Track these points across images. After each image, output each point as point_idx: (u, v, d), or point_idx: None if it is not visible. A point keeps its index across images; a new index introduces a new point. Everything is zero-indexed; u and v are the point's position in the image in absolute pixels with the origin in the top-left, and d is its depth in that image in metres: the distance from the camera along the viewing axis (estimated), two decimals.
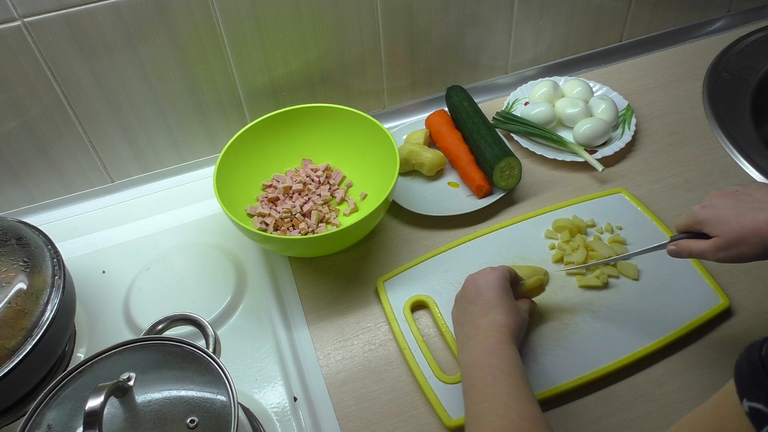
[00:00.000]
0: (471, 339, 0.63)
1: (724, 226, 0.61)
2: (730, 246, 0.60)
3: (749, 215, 0.59)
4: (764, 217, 0.58)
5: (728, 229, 0.60)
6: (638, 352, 0.71)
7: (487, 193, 0.90)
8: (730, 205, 0.62)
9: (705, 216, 0.63)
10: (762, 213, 0.59)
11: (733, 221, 0.60)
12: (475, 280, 0.68)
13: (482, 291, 0.66)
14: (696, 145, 0.95)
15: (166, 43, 0.84)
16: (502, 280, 0.67)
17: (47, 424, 0.54)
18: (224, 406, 0.55)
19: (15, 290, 0.67)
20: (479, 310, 0.65)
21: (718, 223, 0.62)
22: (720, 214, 0.62)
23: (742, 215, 0.60)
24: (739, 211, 0.61)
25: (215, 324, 0.79)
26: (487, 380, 0.57)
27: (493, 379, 0.57)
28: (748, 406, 0.38)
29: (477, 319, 0.64)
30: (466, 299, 0.68)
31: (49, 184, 0.93)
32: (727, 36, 1.13)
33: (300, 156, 0.94)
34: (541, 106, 0.98)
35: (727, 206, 0.62)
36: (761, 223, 0.58)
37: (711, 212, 0.63)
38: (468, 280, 0.70)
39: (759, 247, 0.59)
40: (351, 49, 0.95)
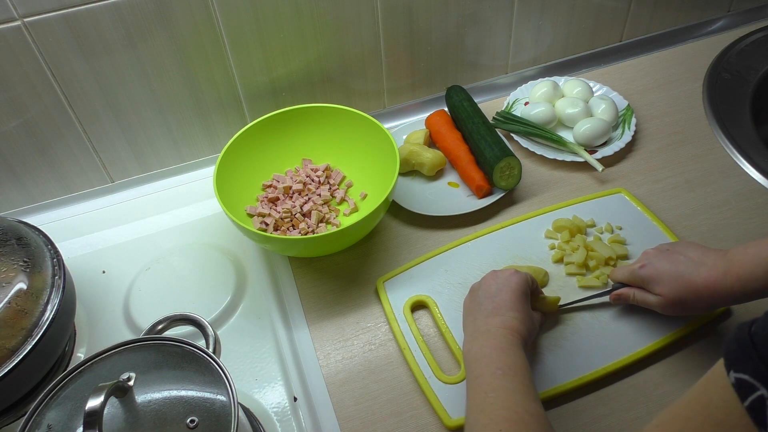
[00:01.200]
0: (482, 335, 0.63)
1: (665, 287, 0.67)
2: (675, 304, 0.67)
3: (687, 277, 0.65)
4: (700, 279, 0.64)
5: (670, 289, 0.67)
6: (638, 352, 0.71)
7: (487, 193, 0.90)
8: (668, 264, 0.67)
9: (646, 274, 0.69)
10: (697, 275, 0.65)
11: (674, 281, 0.66)
12: (497, 277, 0.68)
13: (502, 290, 0.66)
14: (696, 145, 0.95)
15: (166, 43, 0.84)
16: (524, 285, 0.67)
17: (47, 424, 0.54)
18: (224, 406, 0.55)
19: (15, 290, 0.67)
20: (495, 309, 0.64)
21: (660, 282, 0.68)
22: (660, 275, 0.68)
23: (681, 275, 0.66)
24: (678, 270, 0.67)
25: (215, 324, 0.79)
26: (496, 373, 0.57)
27: (502, 373, 0.57)
28: (734, 377, 0.38)
29: (491, 316, 0.64)
30: (484, 292, 0.67)
31: (49, 184, 0.93)
32: (727, 36, 1.13)
33: (300, 156, 0.94)
34: (541, 106, 0.98)
35: (666, 265, 0.68)
36: (698, 285, 0.64)
37: (651, 271, 0.69)
38: (489, 275, 0.69)
39: (700, 303, 0.65)
40: (351, 49, 0.95)
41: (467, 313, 0.68)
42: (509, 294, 0.65)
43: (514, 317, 0.63)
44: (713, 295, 0.64)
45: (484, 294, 0.67)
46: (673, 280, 0.66)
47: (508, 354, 0.60)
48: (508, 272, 0.68)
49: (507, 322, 0.63)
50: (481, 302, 0.66)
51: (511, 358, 0.59)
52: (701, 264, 0.65)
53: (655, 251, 0.70)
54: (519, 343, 0.61)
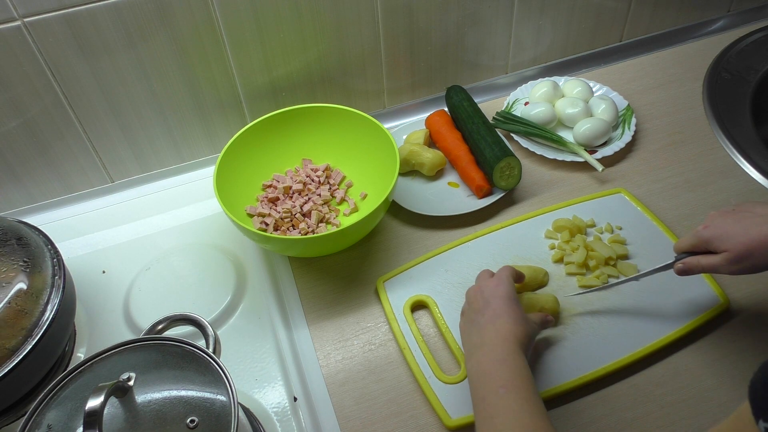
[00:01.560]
0: (479, 348, 0.62)
1: (731, 241, 0.63)
2: (742, 259, 0.63)
3: (755, 229, 0.62)
4: None
5: (736, 242, 0.63)
6: (638, 352, 0.71)
7: (487, 193, 0.90)
8: (733, 221, 0.64)
9: (710, 234, 0.65)
10: (766, 226, 0.61)
11: (740, 235, 0.63)
12: (482, 291, 0.67)
13: (490, 301, 0.66)
14: (696, 145, 0.95)
15: (166, 43, 0.84)
16: (510, 289, 0.67)
17: (47, 424, 0.54)
18: (224, 406, 0.55)
19: (15, 290, 0.67)
20: (487, 319, 0.64)
21: (725, 239, 0.64)
22: (725, 231, 0.64)
23: (747, 229, 0.63)
24: (743, 225, 0.63)
25: (215, 324, 0.79)
26: (498, 392, 0.57)
27: (505, 391, 0.56)
28: (764, 427, 0.37)
29: (484, 327, 0.63)
30: (473, 310, 0.67)
31: (49, 184, 0.93)
32: (727, 36, 1.13)
33: (300, 156, 0.94)
34: (541, 106, 0.98)
35: (730, 223, 0.64)
36: (766, 236, 0.61)
37: (715, 230, 0.65)
38: (472, 292, 0.69)
39: None
40: (351, 49, 0.95)
41: (463, 334, 0.68)
42: (497, 301, 0.65)
43: (506, 321, 0.63)
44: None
45: (474, 310, 0.67)
46: (738, 234, 0.63)
47: (508, 365, 0.59)
48: (491, 283, 0.68)
49: (500, 328, 0.62)
50: (473, 319, 0.66)
51: (512, 371, 0.58)
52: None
53: (721, 211, 0.67)
54: (517, 348, 0.61)
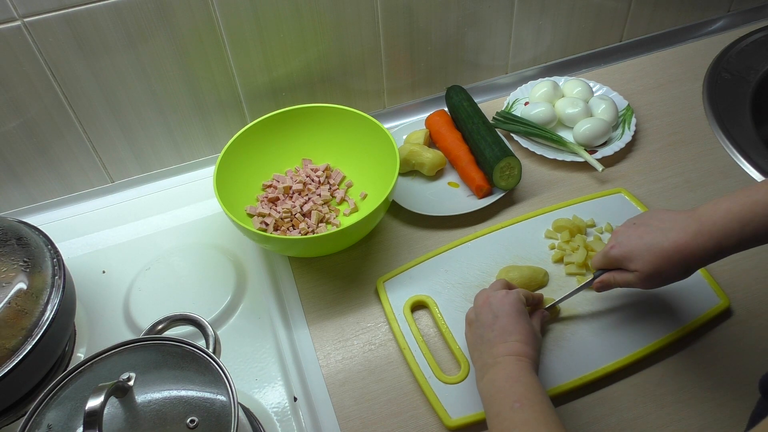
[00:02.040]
0: (491, 368, 0.62)
1: (638, 261, 0.65)
2: (652, 276, 0.65)
3: (656, 245, 0.63)
4: (670, 244, 0.62)
5: (644, 262, 0.64)
6: (638, 352, 0.71)
7: (487, 193, 0.90)
8: (637, 238, 0.65)
9: (618, 254, 0.67)
10: (667, 240, 0.63)
11: (645, 253, 0.64)
12: (491, 304, 0.67)
13: (499, 316, 0.65)
14: (696, 145, 0.95)
15: (166, 43, 0.84)
16: (518, 304, 0.66)
17: (47, 424, 0.54)
18: (224, 406, 0.55)
19: (15, 290, 0.67)
20: (497, 337, 0.63)
21: (633, 259, 0.65)
22: (630, 249, 0.66)
23: (650, 246, 0.64)
24: (646, 242, 0.64)
25: (215, 324, 0.79)
26: (513, 407, 0.56)
27: (520, 406, 0.56)
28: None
29: (495, 346, 0.63)
30: (481, 324, 0.66)
31: (49, 184, 0.93)
32: (727, 36, 1.13)
33: (300, 156, 0.94)
34: (541, 106, 0.98)
35: (634, 240, 0.66)
36: (669, 250, 0.62)
37: (622, 249, 0.66)
38: (481, 302, 0.68)
39: (676, 270, 0.63)
40: (351, 49, 0.95)
41: (471, 347, 0.67)
42: (506, 318, 0.65)
43: (518, 340, 0.63)
44: (687, 258, 0.62)
45: (482, 325, 0.66)
46: (644, 252, 0.64)
47: (521, 383, 0.59)
48: (500, 295, 0.67)
49: (512, 348, 0.62)
50: (482, 334, 0.65)
51: (526, 387, 0.58)
52: (669, 230, 0.63)
53: (624, 227, 0.68)
54: (529, 366, 0.61)
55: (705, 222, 0.61)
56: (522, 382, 0.59)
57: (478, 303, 0.69)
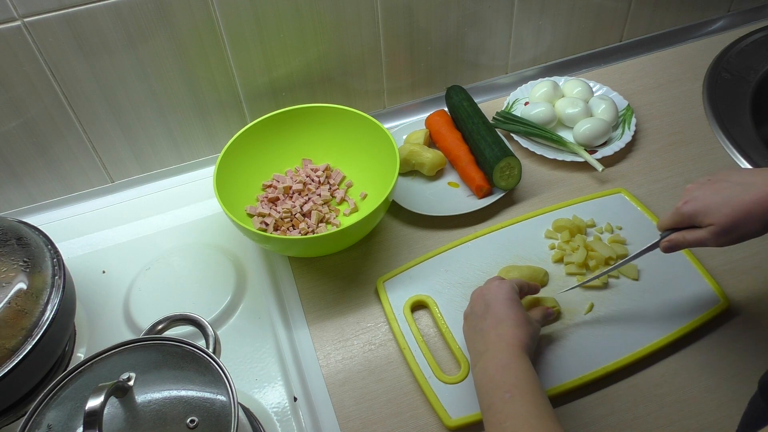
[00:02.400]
0: (482, 355, 0.62)
1: (715, 214, 0.62)
2: (729, 231, 0.62)
3: (736, 198, 0.61)
4: (750, 198, 0.60)
5: (721, 215, 0.62)
6: (638, 352, 0.71)
7: (487, 193, 0.90)
8: (713, 193, 0.63)
9: (691, 209, 0.64)
10: (747, 194, 0.61)
11: (723, 207, 0.62)
12: (483, 295, 0.67)
13: (491, 305, 0.65)
14: (696, 145, 0.95)
15: (166, 43, 0.84)
16: (511, 292, 0.66)
17: (47, 424, 0.54)
18: (224, 406, 0.55)
19: (15, 290, 0.67)
20: (489, 325, 0.64)
21: (708, 213, 0.63)
22: (706, 204, 0.63)
23: (729, 199, 0.62)
24: (724, 196, 0.62)
25: (215, 324, 0.79)
26: (504, 398, 0.56)
27: (511, 396, 0.56)
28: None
29: (487, 333, 0.63)
30: (475, 315, 0.67)
31: (49, 184, 0.93)
32: (727, 36, 1.13)
33: (300, 156, 0.94)
34: (541, 106, 0.98)
35: (710, 195, 0.63)
36: (749, 204, 0.60)
37: (696, 204, 0.64)
38: (475, 295, 0.69)
39: (756, 224, 0.61)
40: (351, 49, 0.95)
41: (467, 340, 0.67)
42: (498, 305, 0.65)
43: (509, 325, 0.63)
44: (766, 211, 0.60)
45: (476, 315, 0.66)
46: (721, 206, 0.61)
47: (513, 370, 0.59)
48: (492, 286, 0.67)
49: (503, 332, 0.62)
50: (475, 324, 0.66)
51: (517, 376, 0.58)
52: (750, 184, 0.61)
53: (697, 184, 0.65)
54: (520, 352, 0.60)
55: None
56: (513, 370, 0.59)
57: (472, 297, 0.69)
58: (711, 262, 0.80)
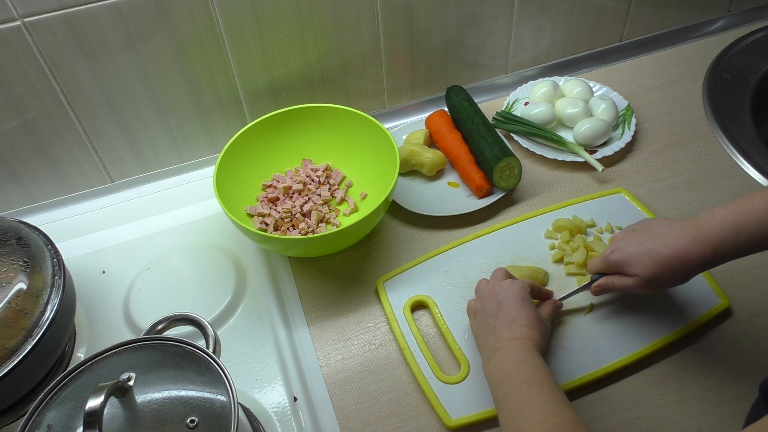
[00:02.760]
0: (497, 352, 0.62)
1: (638, 266, 0.66)
2: (651, 282, 0.66)
3: (656, 252, 0.65)
4: (670, 251, 0.64)
5: (643, 267, 0.66)
6: (638, 353, 0.71)
7: (487, 193, 0.90)
8: (636, 244, 0.67)
9: (617, 259, 0.69)
10: (666, 247, 0.64)
11: (644, 259, 0.66)
12: (496, 293, 0.68)
13: (504, 304, 0.66)
14: (696, 145, 0.95)
15: (166, 43, 0.84)
16: (523, 291, 0.67)
17: (47, 424, 0.54)
18: (224, 406, 0.55)
19: (15, 290, 0.67)
20: (502, 324, 0.64)
21: (632, 264, 0.67)
22: (630, 254, 0.67)
23: (650, 252, 0.65)
24: (646, 248, 0.66)
25: (215, 324, 0.79)
26: (521, 388, 0.57)
27: (528, 386, 0.57)
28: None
29: (501, 332, 0.64)
30: (486, 313, 0.67)
31: (49, 184, 0.93)
32: (727, 36, 1.13)
33: (300, 156, 0.94)
34: (541, 106, 0.98)
35: (634, 246, 0.67)
36: (669, 257, 0.64)
37: (622, 255, 0.68)
38: (485, 292, 0.69)
39: (675, 276, 0.65)
40: (351, 49, 0.95)
41: (477, 336, 0.68)
42: (511, 304, 0.66)
43: (522, 324, 0.64)
44: (686, 264, 0.63)
45: (487, 313, 0.67)
46: (644, 258, 0.65)
47: (527, 365, 0.60)
48: (505, 284, 0.68)
49: (517, 333, 0.63)
50: (488, 322, 0.66)
51: (532, 369, 0.59)
52: (668, 236, 0.64)
53: (623, 233, 0.70)
54: (534, 350, 0.61)
55: (702, 229, 0.62)
56: (528, 363, 0.60)
57: (482, 293, 0.69)
58: None
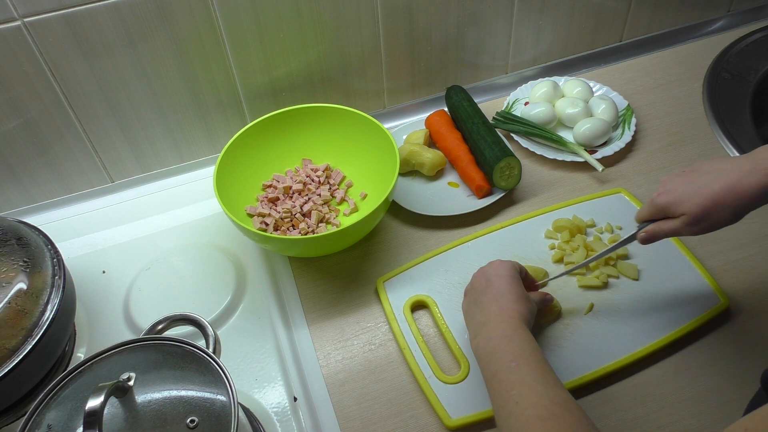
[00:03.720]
0: (484, 326, 0.63)
1: (686, 204, 0.63)
2: (699, 220, 0.63)
3: (706, 188, 0.62)
4: (719, 186, 0.61)
5: (692, 204, 0.63)
6: (638, 352, 0.71)
7: (487, 193, 0.90)
8: (685, 183, 0.64)
9: (665, 200, 0.66)
10: (717, 182, 0.62)
11: (693, 196, 0.63)
12: (485, 272, 0.69)
13: (492, 280, 0.67)
14: (696, 145, 0.95)
15: (166, 43, 0.84)
16: (512, 270, 0.68)
17: (47, 424, 0.54)
18: (224, 406, 0.55)
19: (15, 290, 0.67)
20: (490, 298, 0.65)
21: (680, 203, 0.64)
22: (679, 194, 0.64)
23: (700, 189, 0.63)
24: (695, 186, 0.63)
25: (215, 324, 0.79)
26: (510, 366, 0.57)
27: (516, 365, 0.57)
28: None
29: (488, 306, 0.64)
30: (475, 290, 0.68)
31: (49, 184, 0.93)
32: (727, 36, 1.13)
33: (300, 156, 0.94)
34: (541, 106, 0.98)
35: (682, 185, 0.65)
36: (718, 192, 0.61)
37: (669, 196, 0.65)
38: (477, 273, 0.70)
39: (726, 213, 0.62)
40: (351, 49, 0.95)
41: (466, 314, 0.69)
42: (499, 281, 0.66)
43: (510, 299, 0.64)
44: (738, 197, 0.60)
45: (476, 290, 0.68)
46: (692, 196, 0.63)
47: (515, 341, 0.60)
48: (494, 263, 0.69)
49: (504, 306, 0.63)
50: (476, 298, 0.67)
51: (521, 346, 0.59)
52: (721, 171, 0.62)
53: (672, 175, 0.67)
54: (522, 324, 0.62)
55: (760, 160, 0.60)
56: (516, 340, 0.60)
57: (475, 274, 0.71)
58: (711, 262, 0.80)
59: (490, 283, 0.67)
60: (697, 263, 0.78)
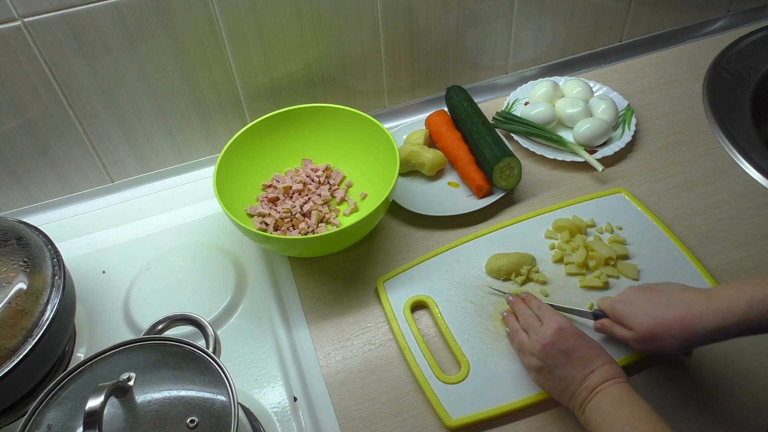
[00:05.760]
0: (591, 400, 0.60)
1: (638, 321, 0.65)
2: (648, 340, 0.64)
3: (660, 312, 0.63)
4: (673, 315, 0.62)
5: (642, 324, 0.64)
6: (638, 353, 0.71)
7: (487, 193, 0.90)
8: (644, 299, 0.65)
9: (621, 310, 0.67)
10: (672, 310, 0.62)
11: (646, 317, 0.64)
12: (554, 344, 0.64)
13: (569, 351, 0.63)
14: (696, 145, 0.95)
15: (166, 43, 0.84)
16: (573, 327, 0.65)
17: (47, 424, 0.54)
18: (224, 406, 0.55)
19: (15, 290, 0.67)
20: (580, 371, 0.62)
21: (633, 317, 0.65)
22: (635, 309, 0.65)
23: (654, 310, 0.64)
24: (652, 305, 0.64)
25: (215, 324, 0.79)
26: (623, 430, 0.56)
27: (630, 428, 0.55)
28: None
29: (586, 379, 0.62)
30: (555, 366, 0.64)
31: (49, 184, 0.93)
32: (727, 36, 1.13)
33: (300, 156, 0.94)
34: (541, 106, 0.98)
35: (641, 301, 0.66)
36: (671, 320, 0.62)
37: (627, 307, 0.67)
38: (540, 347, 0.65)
39: (673, 342, 0.62)
40: (351, 49, 0.95)
41: (556, 393, 0.65)
42: (577, 349, 0.63)
43: (601, 363, 0.62)
44: (686, 330, 0.61)
45: (557, 367, 0.64)
46: (646, 314, 0.64)
47: (626, 404, 0.58)
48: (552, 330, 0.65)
49: (603, 374, 0.61)
50: (563, 376, 0.63)
51: (632, 408, 0.58)
52: (678, 300, 0.63)
53: (637, 288, 0.68)
54: (627, 386, 0.60)
55: (714, 299, 0.61)
56: (626, 403, 0.58)
57: (535, 348, 0.66)
58: (711, 262, 0.80)
59: (569, 355, 0.63)
60: (697, 263, 0.78)
